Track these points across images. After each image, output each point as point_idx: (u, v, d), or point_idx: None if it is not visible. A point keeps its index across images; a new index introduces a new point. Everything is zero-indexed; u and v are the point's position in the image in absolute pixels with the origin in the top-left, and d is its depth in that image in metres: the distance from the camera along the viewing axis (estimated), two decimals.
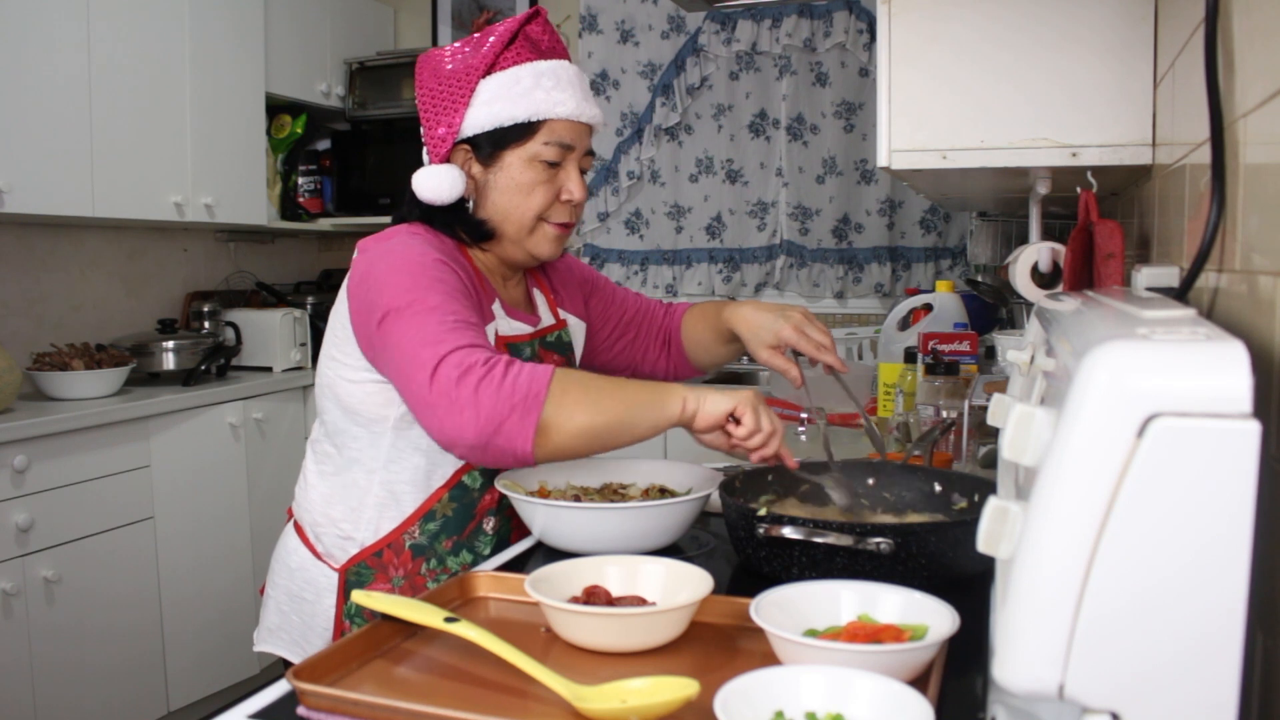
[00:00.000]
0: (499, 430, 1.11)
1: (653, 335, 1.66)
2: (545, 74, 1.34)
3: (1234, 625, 0.50)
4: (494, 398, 1.11)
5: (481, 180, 1.37)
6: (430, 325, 1.18)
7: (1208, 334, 0.55)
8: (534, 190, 1.35)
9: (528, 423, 1.11)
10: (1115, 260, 1.19)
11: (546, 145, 1.34)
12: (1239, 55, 0.83)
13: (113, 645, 2.66)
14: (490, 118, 1.33)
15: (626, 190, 3.89)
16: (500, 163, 1.35)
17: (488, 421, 1.11)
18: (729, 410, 1.18)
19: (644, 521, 1.20)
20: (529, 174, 1.35)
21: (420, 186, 1.34)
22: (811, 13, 3.58)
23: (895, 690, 0.74)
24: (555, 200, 1.37)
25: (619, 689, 0.79)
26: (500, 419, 1.11)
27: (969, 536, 0.76)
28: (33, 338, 3.03)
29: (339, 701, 0.81)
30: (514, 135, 1.34)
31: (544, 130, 1.34)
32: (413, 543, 1.34)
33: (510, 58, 1.34)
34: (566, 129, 1.35)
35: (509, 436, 1.11)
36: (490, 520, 1.39)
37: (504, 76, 1.33)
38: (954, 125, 1.35)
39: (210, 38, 3.21)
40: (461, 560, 1.37)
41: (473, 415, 1.11)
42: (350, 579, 1.35)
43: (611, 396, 1.16)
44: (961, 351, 1.90)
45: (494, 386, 1.12)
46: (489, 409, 1.11)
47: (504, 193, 1.36)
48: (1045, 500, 0.53)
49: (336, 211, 3.86)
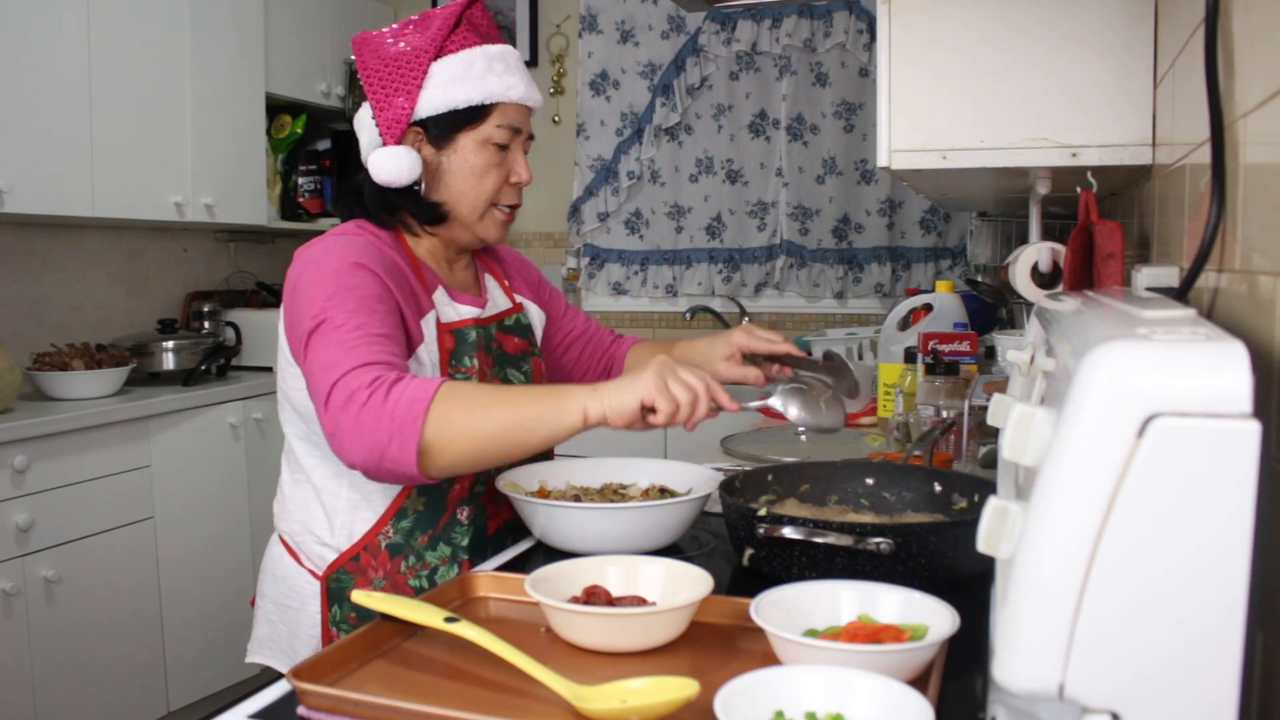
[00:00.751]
0: (383, 455, 1.11)
1: (595, 358, 1.66)
2: (495, 58, 1.36)
3: (1234, 625, 0.50)
4: (374, 423, 1.11)
5: (434, 163, 1.37)
6: (331, 347, 1.18)
7: (1208, 334, 0.55)
8: (487, 173, 1.37)
9: (409, 446, 1.10)
10: (1115, 260, 1.19)
11: (499, 128, 1.36)
12: (1239, 55, 0.83)
13: (113, 645, 2.66)
14: (445, 100, 1.33)
15: (626, 190, 3.89)
16: (453, 145, 1.36)
17: (371, 447, 1.11)
18: (638, 403, 1.12)
19: (644, 521, 1.20)
20: (481, 157, 1.36)
21: (379, 169, 1.34)
22: (811, 13, 3.58)
23: (895, 690, 0.74)
24: (505, 183, 1.39)
25: (619, 689, 0.79)
26: (383, 445, 1.11)
27: (969, 536, 0.76)
28: (33, 338, 3.03)
29: (339, 701, 0.81)
30: (467, 118, 1.35)
31: (496, 113, 1.36)
32: (388, 542, 1.34)
33: (458, 41, 1.35)
34: (517, 113, 1.38)
35: (394, 460, 1.11)
36: (464, 510, 1.38)
37: (455, 60, 1.34)
38: (954, 125, 1.35)
39: (210, 38, 3.21)
40: (440, 554, 1.36)
41: (356, 441, 1.12)
42: (332, 585, 1.34)
43: (500, 411, 1.13)
44: (961, 351, 1.90)
45: (374, 411, 1.11)
46: (370, 434, 1.11)
47: (458, 175, 1.37)
48: (1045, 500, 0.53)
49: (336, 211, 3.85)
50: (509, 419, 1.13)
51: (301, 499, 1.39)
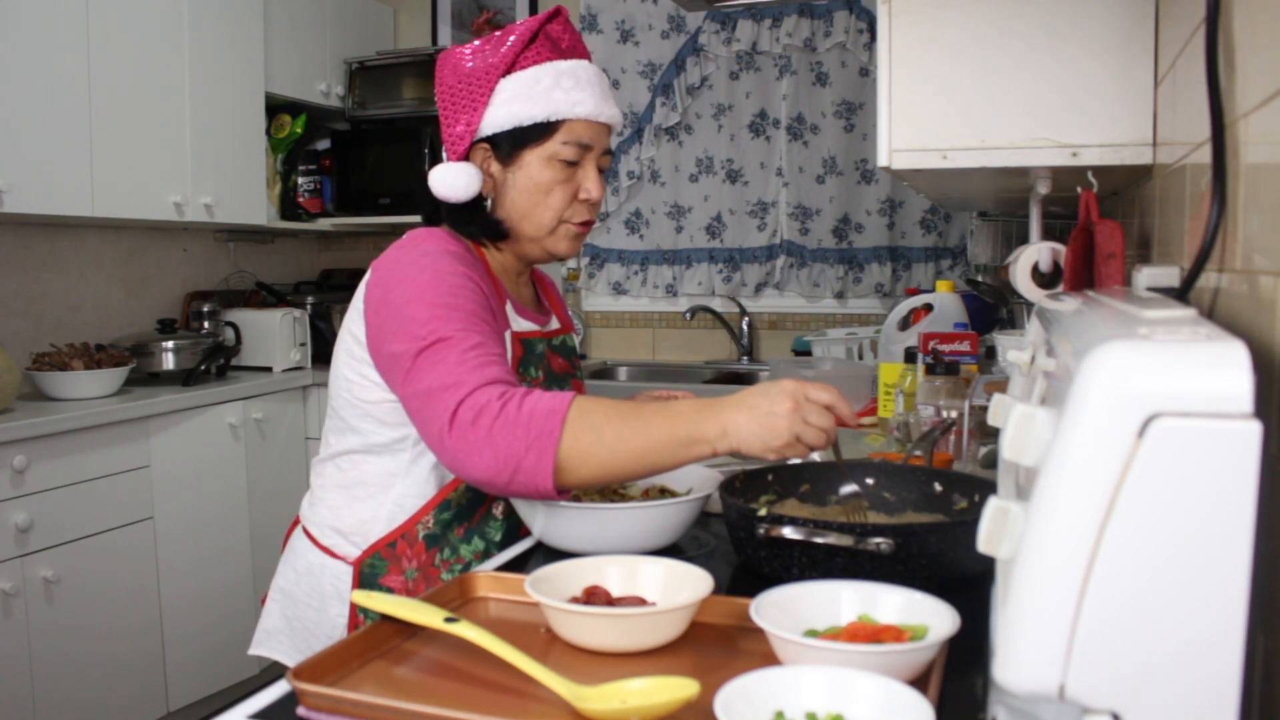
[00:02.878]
0: (518, 468, 1.10)
1: None
2: (565, 73, 1.34)
3: (1234, 625, 0.50)
4: (509, 435, 1.10)
5: (500, 179, 1.37)
6: (449, 364, 1.17)
7: (1208, 334, 0.55)
8: (553, 190, 1.35)
9: (545, 459, 1.09)
10: (1116, 260, 1.18)
11: (565, 145, 1.34)
12: (1239, 55, 0.83)
13: (112, 645, 2.66)
14: (509, 117, 1.33)
15: (626, 190, 3.89)
16: (519, 162, 1.35)
17: (505, 463, 1.10)
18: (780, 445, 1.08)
19: (644, 521, 1.20)
20: (548, 173, 1.35)
21: (436, 184, 1.34)
22: (811, 12, 3.58)
23: (895, 690, 0.74)
24: (573, 200, 1.38)
25: (619, 689, 0.79)
26: (518, 457, 1.10)
27: (969, 536, 0.76)
28: (32, 338, 3.03)
29: (339, 702, 0.81)
30: (533, 135, 1.34)
31: (563, 130, 1.34)
32: (426, 533, 1.35)
33: (531, 57, 1.34)
34: (585, 129, 1.35)
35: (529, 472, 1.10)
36: (499, 504, 1.40)
37: (524, 76, 1.33)
38: (954, 125, 1.35)
39: (210, 38, 3.21)
40: (474, 548, 1.37)
41: (491, 458, 1.11)
42: (365, 570, 1.35)
43: (634, 432, 1.11)
44: (961, 351, 1.90)
45: (508, 424, 1.10)
46: (506, 447, 1.10)
47: (523, 192, 1.36)
48: (1046, 500, 0.53)
49: (336, 211, 3.86)
50: (641, 444, 1.11)
51: (337, 504, 1.39)
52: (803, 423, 1.07)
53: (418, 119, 3.73)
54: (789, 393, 1.08)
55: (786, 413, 1.07)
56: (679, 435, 1.10)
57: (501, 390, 1.14)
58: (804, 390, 1.09)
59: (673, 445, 1.11)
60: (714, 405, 1.11)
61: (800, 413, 1.07)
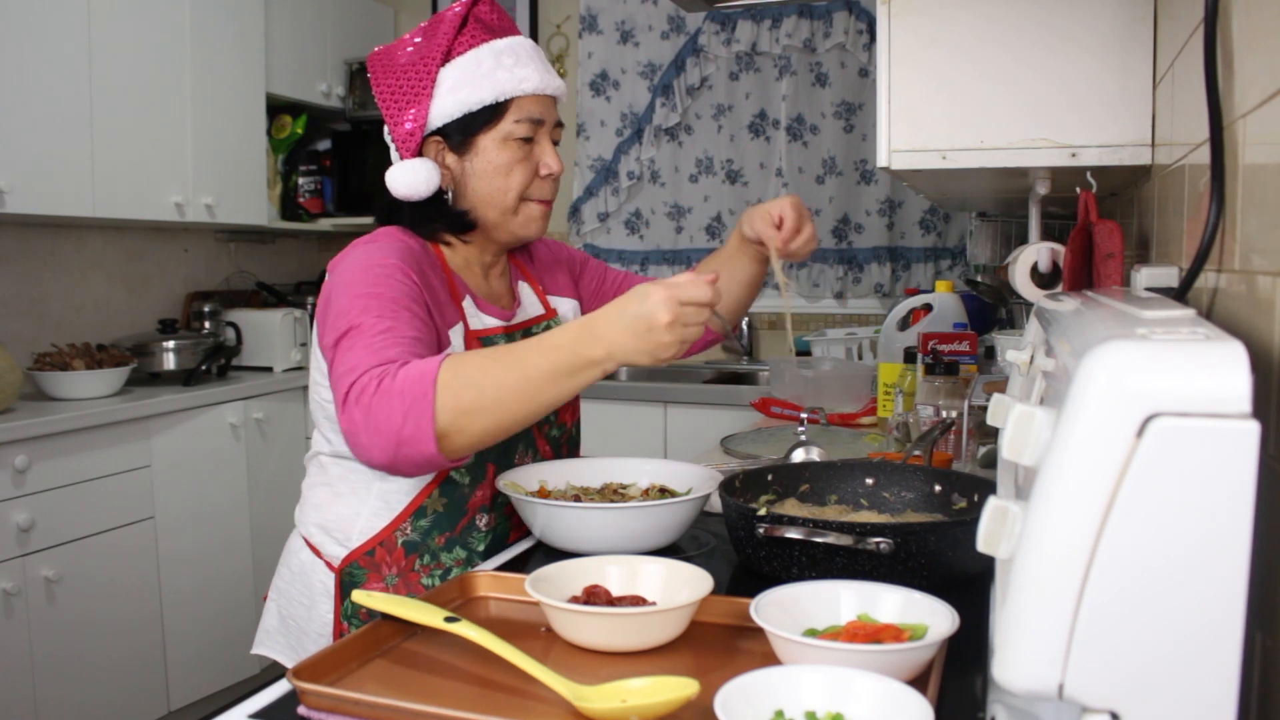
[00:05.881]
0: (400, 442, 1.06)
1: None
2: (504, 52, 1.33)
3: (1233, 625, 0.50)
4: (386, 411, 1.06)
5: (458, 170, 1.35)
6: (357, 349, 1.14)
7: (1207, 334, 0.55)
8: (512, 170, 1.34)
9: (424, 428, 1.05)
10: (1115, 260, 1.19)
11: (518, 123, 1.33)
12: (1238, 55, 0.83)
13: (113, 645, 2.66)
14: (457, 105, 1.31)
15: (626, 190, 3.89)
16: (474, 148, 1.33)
17: (386, 438, 1.07)
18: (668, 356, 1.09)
19: (644, 521, 1.20)
20: (505, 154, 1.33)
21: (395, 184, 1.32)
22: (811, 13, 3.58)
23: (895, 690, 0.74)
24: (534, 177, 1.36)
25: (619, 689, 0.80)
26: (397, 428, 1.06)
27: (969, 536, 0.76)
28: (33, 338, 3.03)
29: (339, 701, 0.81)
30: (484, 119, 1.32)
31: (513, 108, 1.32)
32: (405, 539, 1.34)
33: (465, 41, 1.32)
34: (535, 104, 1.34)
35: (411, 444, 1.06)
36: (484, 517, 1.38)
37: (463, 61, 1.31)
38: (953, 126, 1.35)
39: (210, 38, 3.21)
40: (455, 556, 1.36)
41: (372, 435, 1.07)
42: (345, 579, 1.35)
43: (517, 377, 1.08)
44: (961, 351, 1.90)
45: (384, 396, 1.07)
46: (384, 424, 1.06)
47: (483, 178, 1.34)
48: (1045, 500, 0.53)
49: (337, 211, 3.86)
50: (525, 386, 1.08)
51: (320, 501, 1.40)
52: (683, 327, 1.07)
53: None
54: (664, 304, 1.06)
55: (667, 326, 1.06)
56: (562, 365, 1.08)
57: (386, 366, 1.10)
58: (676, 296, 1.07)
59: (558, 377, 1.08)
60: (592, 326, 1.09)
61: (680, 320, 1.07)
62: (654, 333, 1.06)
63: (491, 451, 1.33)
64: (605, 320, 1.08)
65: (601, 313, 1.09)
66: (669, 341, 1.07)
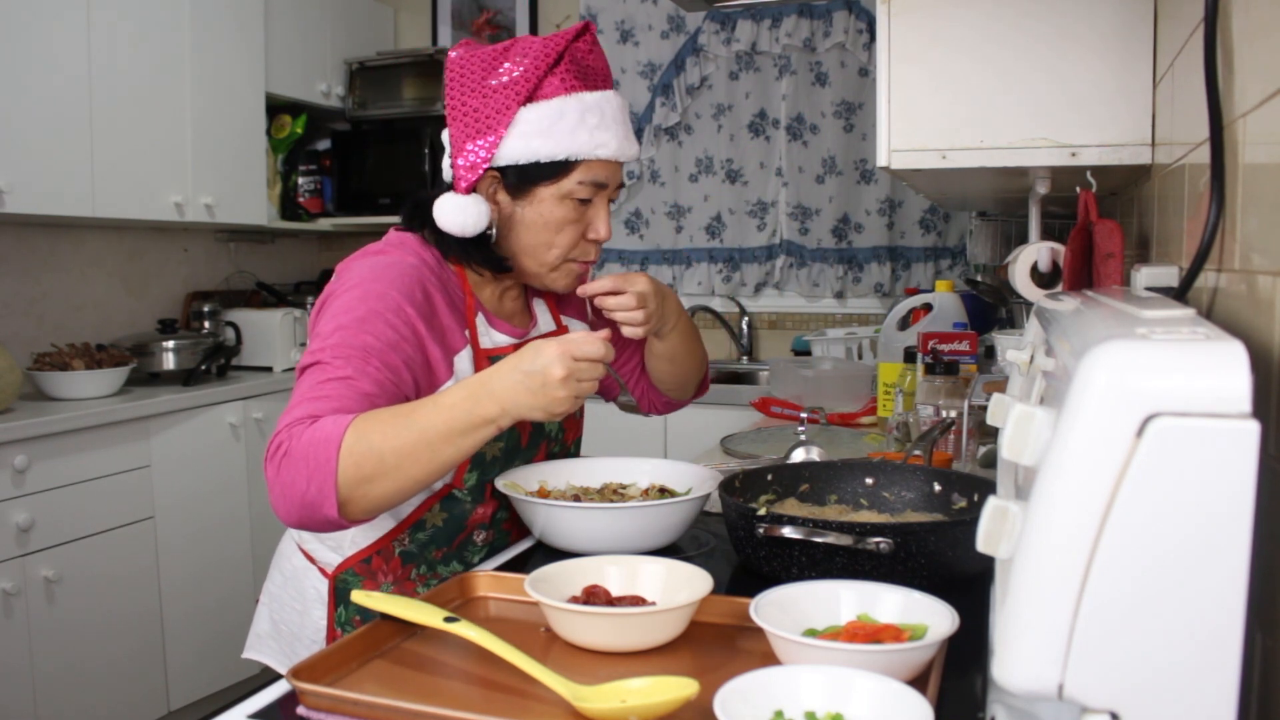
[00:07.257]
0: (304, 505, 1.07)
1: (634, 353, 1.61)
2: (590, 109, 1.27)
3: (1233, 625, 0.50)
4: (291, 474, 1.06)
5: (508, 211, 1.30)
6: (301, 389, 1.14)
7: (1207, 334, 0.55)
8: (563, 229, 1.29)
9: (326, 494, 1.05)
10: (1115, 260, 1.19)
11: (581, 184, 1.28)
12: (1238, 55, 0.83)
13: (113, 645, 2.66)
14: (528, 151, 1.25)
15: (626, 190, 3.89)
16: (530, 197, 1.28)
17: (291, 501, 1.07)
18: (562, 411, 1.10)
19: (644, 521, 1.20)
20: (559, 211, 1.29)
21: (444, 218, 1.26)
22: (811, 13, 3.58)
23: (895, 690, 0.74)
24: (581, 239, 1.32)
25: (619, 689, 0.79)
26: (300, 495, 1.06)
27: (969, 536, 0.76)
28: (33, 338, 3.03)
29: (339, 701, 0.81)
30: (549, 172, 1.27)
31: (581, 169, 1.27)
32: (402, 549, 1.33)
33: (555, 85, 1.26)
34: (603, 169, 1.29)
35: (314, 509, 1.07)
36: (482, 533, 1.37)
37: (547, 107, 1.25)
38: (953, 125, 1.35)
39: (210, 38, 3.21)
40: (452, 569, 1.36)
41: (279, 496, 1.08)
42: (339, 586, 1.34)
43: (415, 440, 1.07)
44: (961, 351, 1.90)
45: (290, 461, 1.07)
46: (289, 488, 1.07)
47: (531, 229, 1.29)
48: (1044, 500, 0.53)
49: (336, 211, 3.86)
50: (424, 449, 1.08)
51: None
52: (577, 382, 1.09)
53: (418, 119, 3.73)
54: (558, 360, 1.07)
55: (560, 381, 1.07)
56: (457, 424, 1.08)
57: (309, 422, 1.09)
58: (570, 352, 1.08)
59: (453, 436, 1.09)
60: (487, 384, 1.09)
61: (574, 375, 1.08)
62: (548, 388, 1.08)
63: (492, 470, 1.33)
64: (499, 377, 1.09)
65: (496, 369, 1.10)
66: (563, 396, 1.08)
